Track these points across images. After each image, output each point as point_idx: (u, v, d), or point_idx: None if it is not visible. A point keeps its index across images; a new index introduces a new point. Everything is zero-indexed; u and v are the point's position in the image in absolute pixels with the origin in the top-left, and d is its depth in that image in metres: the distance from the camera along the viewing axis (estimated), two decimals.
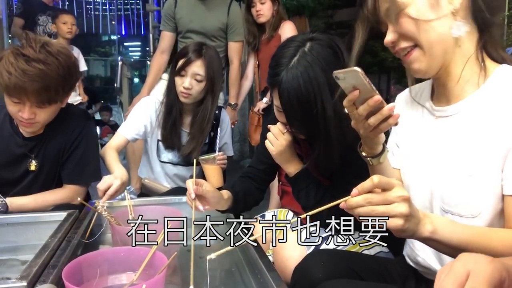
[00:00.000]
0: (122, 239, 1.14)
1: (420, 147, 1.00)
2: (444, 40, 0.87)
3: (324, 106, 1.07)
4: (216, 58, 1.83)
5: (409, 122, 1.05)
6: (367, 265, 1.04)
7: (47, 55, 1.35)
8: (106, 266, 0.99)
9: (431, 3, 0.85)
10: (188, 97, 1.77)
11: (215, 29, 2.68)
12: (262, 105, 2.79)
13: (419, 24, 0.85)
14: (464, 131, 0.89)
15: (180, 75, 1.76)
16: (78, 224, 1.26)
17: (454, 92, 0.91)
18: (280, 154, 1.25)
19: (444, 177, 0.92)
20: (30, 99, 1.36)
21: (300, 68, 1.07)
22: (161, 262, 0.95)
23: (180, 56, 1.80)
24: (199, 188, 1.15)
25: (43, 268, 0.95)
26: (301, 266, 1.01)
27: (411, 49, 0.89)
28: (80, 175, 1.58)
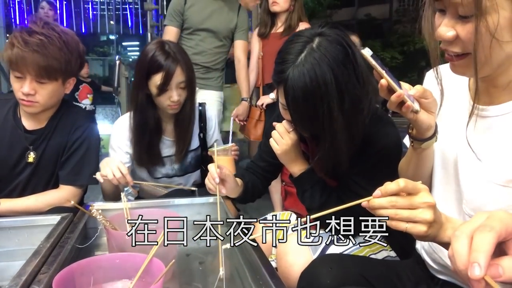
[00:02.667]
0: (118, 244, 1.10)
1: (452, 141, 0.93)
2: (503, 61, 0.78)
3: (331, 105, 1.02)
4: (184, 53, 1.68)
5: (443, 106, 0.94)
6: (376, 270, 1.00)
7: (50, 30, 1.42)
8: (101, 274, 0.94)
9: (510, 23, 0.74)
10: (178, 107, 1.67)
11: (227, 30, 2.70)
12: (267, 100, 2.75)
13: (485, 39, 0.74)
14: (505, 136, 0.82)
15: (164, 91, 1.61)
16: (72, 228, 1.21)
17: (499, 94, 0.84)
18: (285, 154, 1.21)
19: (474, 182, 0.86)
20: (30, 72, 1.39)
21: (307, 65, 1.01)
22: (158, 269, 0.90)
23: (153, 70, 1.59)
24: (222, 172, 1.19)
25: (34, 276, 0.90)
26: (308, 272, 0.96)
27: (464, 55, 0.79)
28: (77, 176, 1.55)
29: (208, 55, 2.70)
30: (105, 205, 1.39)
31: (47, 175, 1.56)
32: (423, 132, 0.90)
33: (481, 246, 0.49)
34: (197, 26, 2.65)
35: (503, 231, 0.51)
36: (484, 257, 0.48)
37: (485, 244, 0.49)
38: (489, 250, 0.49)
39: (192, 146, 1.81)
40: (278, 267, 1.16)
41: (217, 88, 2.82)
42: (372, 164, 1.11)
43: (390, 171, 1.11)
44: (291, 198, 1.53)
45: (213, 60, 2.73)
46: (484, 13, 0.73)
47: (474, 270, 0.48)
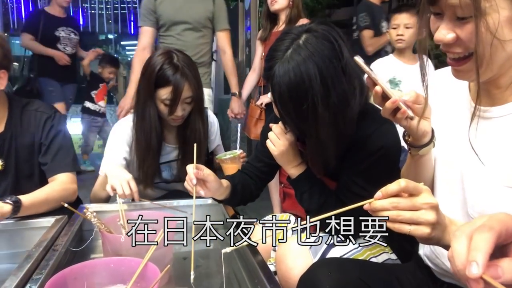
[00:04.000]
0: (113, 247, 1.08)
1: (455, 144, 0.91)
2: (506, 59, 0.77)
3: (315, 101, 1.01)
4: (192, 65, 1.60)
5: (443, 110, 0.94)
6: (377, 274, 0.98)
7: None
8: (94, 279, 0.92)
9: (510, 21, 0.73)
10: (181, 120, 1.61)
11: (203, 19, 2.59)
12: (266, 99, 2.73)
13: (486, 37, 0.73)
14: (508, 136, 0.80)
15: (170, 106, 1.54)
16: (66, 231, 1.19)
17: (501, 95, 0.82)
18: (281, 155, 1.19)
19: (479, 184, 0.84)
20: None
21: (292, 62, 1.01)
22: (153, 274, 0.88)
23: (161, 84, 1.53)
24: (199, 172, 1.14)
25: (26, 281, 0.88)
26: (307, 276, 0.94)
27: (466, 58, 0.78)
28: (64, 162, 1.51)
29: (189, 48, 2.56)
30: (100, 207, 1.37)
31: (21, 177, 1.50)
32: (419, 139, 0.89)
33: (480, 245, 0.48)
34: (171, 20, 2.57)
35: (503, 232, 0.50)
36: (482, 255, 0.48)
37: (484, 244, 0.48)
38: (487, 249, 0.48)
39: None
40: (277, 271, 1.14)
41: (204, 85, 2.73)
42: (371, 163, 1.09)
43: (390, 171, 1.09)
44: (289, 200, 1.50)
45: (196, 53, 2.62)
46: (484, 13, 0.72)
47: (471, 268, 0.48)
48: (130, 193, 1.37)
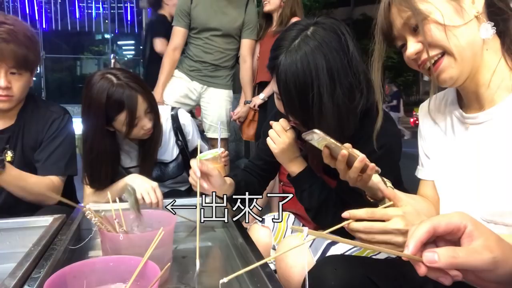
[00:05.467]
0: (112, 246, 1.07)
1: (454, 158, 0.95)
2: (473, 44, 0.84)
3: (321, 92, 1.02)
4: (132, 75, 1.52)
5: (438, 133, 1.01)
6: (381, 270, 0.98)
7: (11, 19, 1.39)
8: (94, 277, 0.91)
9: (456, 8, 0.83)
10: (151, 131, 1.58)
11: (233, 28, 2.67)
12: (258, 101, 2.76)
13: (447, 29, 0.82)
14: (500, 137, 0.84)
15: (134, 126, 1.50)
16: (65, 230, 1.18)
17: (485, 98, 0.87)
18: (282, 152, 1.19)
19: (483, 186, 0.86)
20: (7, 62, 1.36)
21: (300, 52, 1.02)
22: (153, 272, 0.87)
23: (114, 112, 1.45)
24: (203, 166, 1.16)
25: (24, 280, 0.87)
26: (313, 273, 0.94)
27: (440, 58, 0.85)
28: (54, 165, 1.51)
29: (216, 53, 2.69)
30: (98, 206, 1.36)
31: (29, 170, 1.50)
32: (376, 193, 0.97)
33: (414, 234, 0.57)
34: (203, 26, 2.64)
35: (443, 224, 0.57)
36: (413, 241, 0.57)
37: (417, 232, 0.57)
38: (419, 236, 0.56)
39: (172, 156, 1.77)
40: (277, 269, 1.14)
41: (225, 86, 2.80)
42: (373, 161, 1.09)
43: (391, 170, 1.09)
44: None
45: (221, 58, 2.71)
46: (427, 13, 0.83)
47: (405, 251, 0.57)
48: (157, 201, 1.38)
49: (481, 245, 0.54)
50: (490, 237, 0.55)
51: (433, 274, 0.57)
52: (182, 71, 2.77)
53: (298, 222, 1.44)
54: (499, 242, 0.56)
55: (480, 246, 0.54)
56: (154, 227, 1.17)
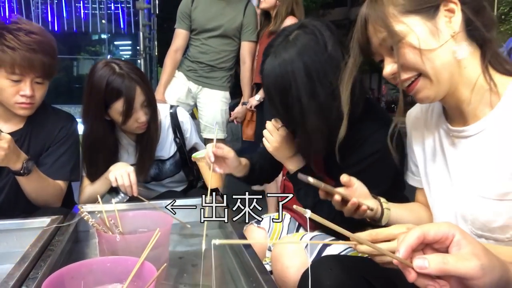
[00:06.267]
0: (109, 247, 1.08)
1: (441, 170, 0.96)
2: (449, 65, 0.84)
3: (300, 94, 1.06)
4: (135, 68, 1.56)
5: (425, 142, 1.01)
6: (377, 270, 0.98)
7: (36, 28, 1.39)
8: (91, 278, 0.92)
9: (431, 29, 0.82)
10: (146, 126, 1.59)
11: (232, 29, 2.70)
12: (254, 102, 2.78)
13: (422, 53, 0.82)
14: (487, 151, 0.84)
15: (130, 116, 1.52)
16: (62, 231, 1.19)
17: (468, 113, 0.88)
18: (276, 150, 1.22)
19: (472, 201, 0.87)
20: (34, 72, 1.38)
21: (280, 57, 1.07)
22: (150, 273, 0.88)
23: (112, 98, 1.48)
24: (218, 150, 1.23)
25: (22, 281, 0.88)
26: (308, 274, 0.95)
27: (415, 79, 0.86)
28: (60, 171, 1.52)
29: (212, 53, 2.71)
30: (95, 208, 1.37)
31: None
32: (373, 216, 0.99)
33: (405, 239, 0.59)
34: (202, 27, 2.67)
35: (432, 231, 0.58)
36: (404, 245, 0.59)
37: (408, 238, 0.59)
38: (409, 242, 0.58)
39: (169, 153, 1.77)
40: (273, 270, 1.15)
41: (221, 87, 2.82)
42: (369, 165, 1.10)
43: (387, 174, 1.10)
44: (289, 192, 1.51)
45: (218, 58, 2.73)
46: (403, 35, 0.83)
47: (396, 255, 0.59)
48: (129, 184, 1.42)
49: (469, 252, 0.55)
50: (477, 246, 0.57)
51: (422, 282, 0.58)
52: (182, 71, 2.81)
53: (294, 221, 1.45)
54: (485, 251, 0.57)
55: (469, 254, 0.56)
56: (150, 228, 1.18)
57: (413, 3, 0.83)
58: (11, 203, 1.49)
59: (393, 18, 0.84)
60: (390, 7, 0.85)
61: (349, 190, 0.94)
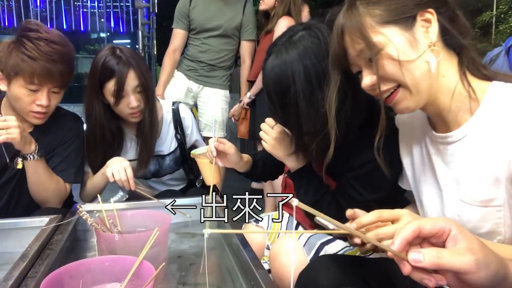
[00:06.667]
0: (108, 246, 1.08)
1: (429, 177, 0.96)
2: (428, 75, 0.83)
3: (297, 96, 1.05)
4: (137, 57, 1.59)
5: (413, 152, 1.02)
6: (373, 270, 0.99)
7: (58, 37, 1.39)
8: (90, 277, 0.92)
9: (410, 40, 0.82)
10: (140, 114, 1.59)
11: (232, 28, 2.71)
12: (245, 99, 2.82)
13: (401, 65, 0.81)
14: (470, 157, 0.85)
15: (120, 97, 1.53)
16: (60, 230, 1.19)
17: (450, 121, 0.88)
18: (274, 148, 1.23)
19: (458, 208, 0.88)
20: (53, 82, 1.39)
21: (281, 57, 1.06)
22: (148, 272, 0.89)
23: (105, 77, 1.51)
24: (220, 145, 1.26)
25: (20, 280, 0.88)
26: (306, 273, 0.96)
27: (395, 90, 0.85)
28: (65, 172, 1.52)
29: (212, 52, 2.72)
30: (94, 207, 1.37)
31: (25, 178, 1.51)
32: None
33: (400, 232, 0.60)
34: (202, 27, 2.68)
35: (428, 225, 0.59)
36: (399, 238, 0.59)
37: (404, 231, 0.60)
38: (404, 235, 0.59)
39: (170, 149, 1.78)
40: (271, 269, 1.15)
41: (222, 86, 2.84)
42: (371, 169, 1.09)
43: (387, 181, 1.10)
44: (290, 190, 1.52)
45: (218, 58, 2.75)
46: (381, 46, 0.82)
47: (391, 247, 0.60)
48: (126, 179, 1.43)
49: (465, 247, 0.56)
50: (474, 241, 0.57)
51: (417, 275, 0.59)
52: (181, 71, 2.82)
53: (292, 219, 1.45)
54: (482, 247, 0.57)
55: (464, 249, 0.56)
56: (149, 227, 1.18)
57: (391, 14, 0.83)
58: (9, 203, 1.49)
59: (371, 29, 0.83)
60: (367, 17, 0.84)
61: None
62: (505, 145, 0.78)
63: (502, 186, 0.80)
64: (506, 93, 0.81)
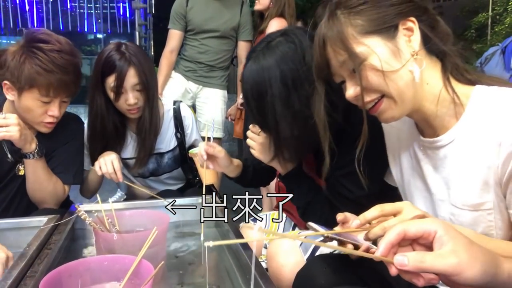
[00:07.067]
0: (107, 245, 1.09)
1: (420, 183, 0.96)
2: (412, 84, 0.83)
3: (274, 101, 1.06)
4: (141, 54, 1.58)
5: (402, 161, 1.02)
6: (370, 269, 1.00)
7: (68, 46, 1.40)
8: (89, 276, 0.93)
9: (393, 50, 0.82)
10: (138, 111, 1.60)
11: (230, 29, 2.71)
12: (239, 100, 2.87)
13: (385, 75, 0.81)
14: (458, 162, 0.85)
15: (119, 94, 1.54)
16: (59, 230, 1.19)
17: (437, 126, 0.88)
18: (261, 154, 1.26)
19: (449, 212, 0.88)
20: (66, 93, 1.40)
21: (258, 63, 1.08)
22: (147, 271, 0.89)
23: (107, 72, 1.53)
24: (210, 149, 1.27)
25: (19, 280, 0.88)
26: (303, 272, 0.96)
27: (379, 100, 0.85)
28: (63, 174, 1.52)
29: (211, 53, 2.73)
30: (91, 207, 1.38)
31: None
32: None
33: (385, 236, 0.61)
34: (201, 28, 2.67)
35: (413, 229, 0.60)
36: (383, 243, 0.60)
37: (389, 235, 0.61)
38: (389, 239, 0.60)
39: (169, 146, 1.78)
40: (268, 268, 1.15)
41: (220, 86, 2.85)
42: None
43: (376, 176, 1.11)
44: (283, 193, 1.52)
45: (217, 58, 2.75)
46: (364, 57, 0.82)
47: (376, 252, 0.61)
48: (113, 171, 1.46)
49: (449, 250, 0.57)
50: (459, 242, 0.58)
51: (405, 276, 0.60)
52: (179, 72, 2.81)
53: (289, 221, 1.46)
54: (468, 247, 0.58)
55: (447, 252, 0.57)
56: (147, 227, 1.19)
57: (372, 24, 0.82)
58: (6, 203, 1.49)
59: (353, 39, 0.83)
60: (348, 28, 0.83)
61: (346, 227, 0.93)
62: (491, 148, 0.78)
63: (491, 190, 0.80)
64: (489, 97, 0.81)
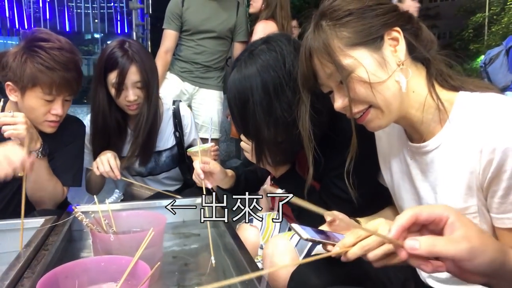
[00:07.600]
0: (104, 246, 1.09)
1: (409, 188, 0.97)
2: (399, 94, 0.84)
3: (256, 109, 1.08)
4: (143, 51, 1.61)
5: (392, 167, 1.03)
6: (364, 269, 1.01)
7: (68, 44, 1.40)
8: (86, 277, 0.93)
9: (379, 61, 0.82)
10: (137, 108, 1.62)
11: (226, 30, 2.72)
12: None
13: (372, 86, 0.82)
14: (444, 167, 0.86)
15: (120, 90, 1.57)
16: (56, 231, 1.20)
17: (423, 131, 0.89)
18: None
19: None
20: (68, 91, 1.40)
21: (241, 71, 1.10)
22: (144, 271, 0.89)
23: (109, 68, 1.56)
24: (206, 166, 1.28)
25: (16, 281, 0.88)
26: (297, 272, 0.97)
27: (366, 110, 0.86)
28: (63, 176, 1.53)
29: (208, 54, 2.73)
30: (88, 208, 1.38)
31: None
32: None
33: (397, 220, 0.62)
34: (197, 28, 2.67)
35: (425, 212, 0.61)
36: (395, 226, 0.62)
37: (401, 218, 0.62)
38: (401, 222, 0.62)
39: (167, 145, 1.79)
40: (264, 268, 1.16)
41: (216, 87, 2.85)
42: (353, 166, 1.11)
43: (372, 175, 1.12)
44: None
45: (213, 59, 2.75)
46: (351, 69, 0.82)
47: (388, 234, 0.62)
48: (110, 169, 1.48)
49: (461, 235, 0.58)
50: (471, 229, 0.59)
51: (415, 261, 0.60)
52: (174, 73, 2.80)
53: (285, 221, 1.47)
54: (479, 234, 0.59)
55: (459, 236, 0.58)
56: (144, 228, 1.19)
57: (358, 36, 0.83)
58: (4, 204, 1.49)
59: (339, 52, 0.83)
60: (334, 40, 0.84)
61: (334, 226, 0.93)
62: (473, 154, 0.78)
63: (474, 194, 0.81)
64: (471, 104, 0.82)
